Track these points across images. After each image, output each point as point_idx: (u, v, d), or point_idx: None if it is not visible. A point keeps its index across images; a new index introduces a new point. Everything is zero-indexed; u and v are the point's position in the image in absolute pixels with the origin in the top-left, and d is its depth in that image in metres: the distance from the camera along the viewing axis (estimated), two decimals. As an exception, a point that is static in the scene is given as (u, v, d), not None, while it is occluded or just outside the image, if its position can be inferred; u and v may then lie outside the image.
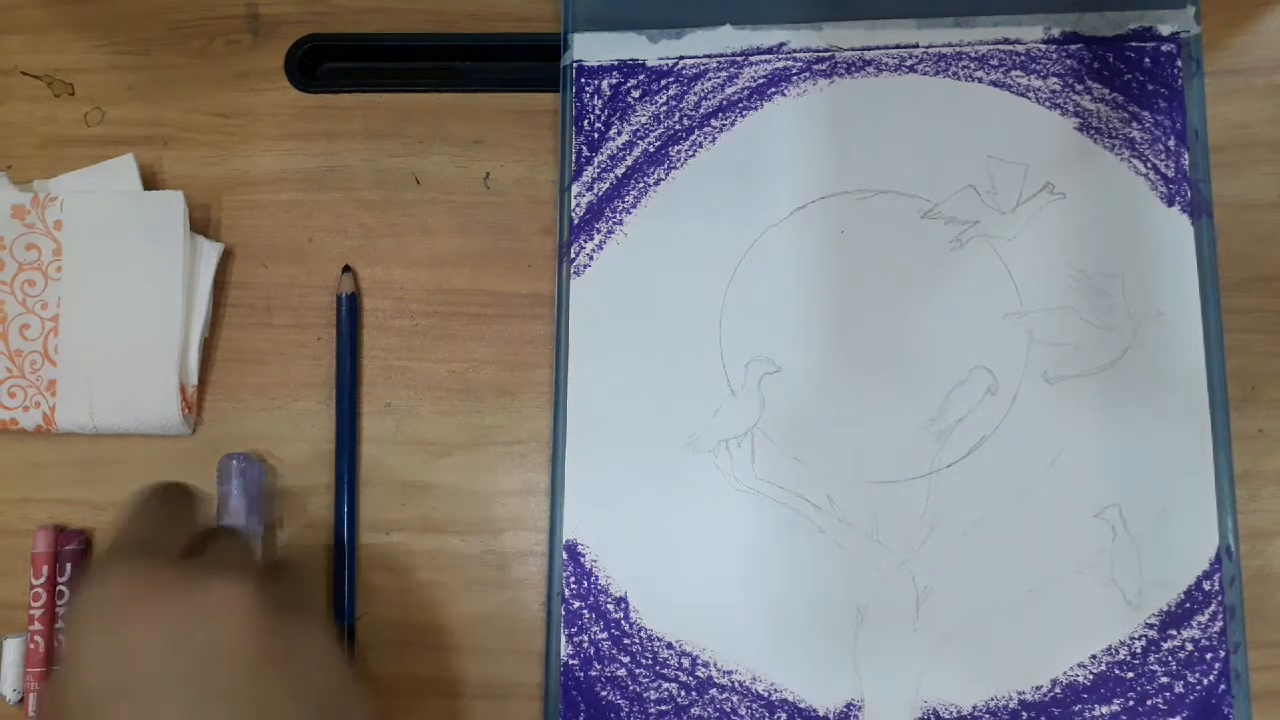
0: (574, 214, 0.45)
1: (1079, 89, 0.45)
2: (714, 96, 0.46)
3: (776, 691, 0.42)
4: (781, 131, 0.45)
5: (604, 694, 0.42)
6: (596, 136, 0.46)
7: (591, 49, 0.46)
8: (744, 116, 0.45)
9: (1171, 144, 0.44)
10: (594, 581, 0.43)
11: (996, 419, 0.43)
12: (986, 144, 0.44)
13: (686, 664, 0.42)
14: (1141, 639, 0.41)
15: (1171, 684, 0.40)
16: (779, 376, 0.44)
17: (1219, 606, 0.41)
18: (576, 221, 0.45)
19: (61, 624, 0.44)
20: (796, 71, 0.46)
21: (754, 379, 0.44)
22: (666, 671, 0.42)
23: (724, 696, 0.42)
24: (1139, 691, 0.41)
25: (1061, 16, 0.45)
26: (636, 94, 0.46)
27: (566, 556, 0.43)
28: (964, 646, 0.41)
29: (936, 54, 0.45)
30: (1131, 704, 0.40)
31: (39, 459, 0.46)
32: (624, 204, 0.45)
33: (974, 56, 0.45)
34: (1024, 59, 0.45)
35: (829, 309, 0.44)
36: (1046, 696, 0.41)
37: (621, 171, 0.46)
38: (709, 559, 0.43)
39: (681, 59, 0.46)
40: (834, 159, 0.45)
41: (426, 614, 0.44)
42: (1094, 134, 0.44)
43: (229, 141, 0.48)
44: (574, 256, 0.45)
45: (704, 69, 0.46)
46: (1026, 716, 0.41)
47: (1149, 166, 0.44)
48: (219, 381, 0.46)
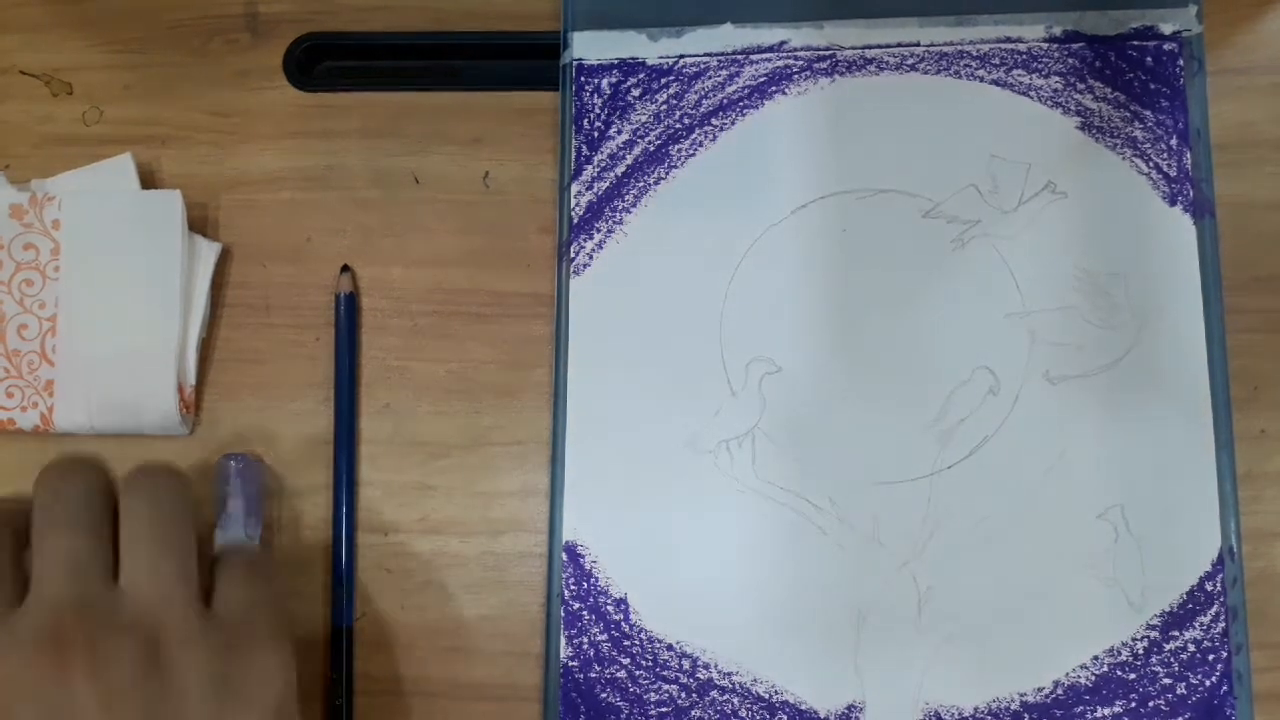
0: (574, 213, 0.45)
1: (1081, 88, 0.44)
2: (714, 95, 0.46)
3: (777, 693, 0.41)
4: (782, 130, 0.45)
5: (604, 696, 0.42)
6: (596, 135, 0.46)
7: (591, 47, 0.46)
8: (744, 115, 0.45)
9: (1174, 143, 0.44)
10: (594, 583, 0.43)
11: (998, 419, 0.42)
12: (988, 143, 0.44)
13: (687, 665, 0.42)
14: (1144, 640, 0.41)
15: (1174, 685, 0.40)
16: (780, 377, 0.43)
17: (1221, 607, 0.41)
18: (576, 221, 0.45)
19: None
20: (797, 70, 0.45)
21: (755, 379, 0.43)
22: (667, 673, 0.42)
23: (725, 698, 0.42)
24: (1141, 693, 0.40)
25: (1063, 15, 0.45)
26: (636, 93, 0.46)
27: (566, 557, 0.43)
28: (966, 647, 0.41)
29: (938, 52, 0.45)
30: (1134, 705, 0.40)
31: (37, 459, 0.45)
32: (624, 203, 0.45)
33: (975, 55, 0.45)
34: (1025, 58, 0.45)
35: (830, 309, 0.44)
36: (1048, 698, 0.41)
37: (621, 170, 0.45)
38: (709, 560, 0.42)
39: (682, 57, 0.46)
40: (835, 158, 0.45)
41: (425, 615, 0.44)
42: (1096, 133, 0.44)
43: (227, 141, 0.47)
44: (574, 256, 0.45)
45: (704, 67, 0.46)
46: (1028, 718, 0.41)
47: (1151, 166, 0.44)
48: (217, 381, 0.46)
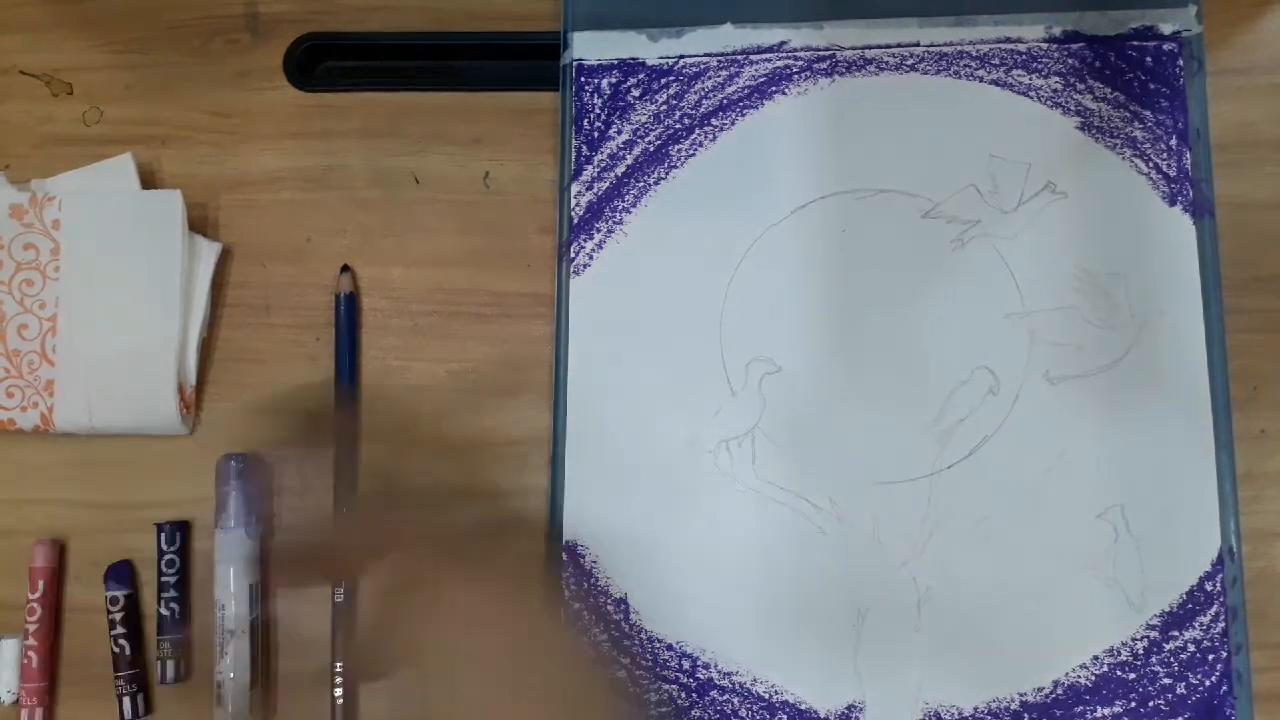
0: (574, 213, 0.45)
1: (1080, 88, 0.44)
2: (714, 95, 0.46)
3: (777, 693, 0.41)
4: (782, 130, 0.45)
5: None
6: (596, 135, 0.46)
7: (591, 48, 0.46)
8: (744, 115, 0.45)
9: (1173, 143, 0.44)
10: (593, 583, 0.43)
11: (998, 419, 0.42)
12: (988, 143, 0.44)
13: (687, 665, 0.42)
14: (1143, 640, 0.41)
15: (1173, 685, 0.40)
16: (780, 376, 0.43)
17: (1221, 607, 0.41)
18: (576, 221, 0.45)
19: None
20: (797, 70, 0.45)
21: (755, 379, 0.43)
22: (667, 673, 0.42)
23: (725, 698, 0.42)
24: (1141, 693, 0.40)
25: (1063, 15, 0.45)
26: (636, 93, 0.46)
27: (566, 557, 0.43)
28: (965, 647, 0.41)
29: (938, 53, 0.45)
30: (1133, 705, 0.40)
31: (37, 459, 0.46)
32: (624, 203, 0.45)
33: (975, 55, 0.45)
34: (1025, 58, 0.45)
35: (830, 309, 0.44)
36: (1048, 698, 0.41)
37: (621, 170, 0.45)
38: (709, 560, 0.42)
39: (682, 58, 0.46)
40: (835, 158, 0.45)
41: (426, 615, 0.44)
42: (1096, 133, 0.44)
43: (227, 141, 0.47)
44: (574, 256, 0.45)
45: (704, 68, 0.46)
46: (1028, 718, 0.41)
47: (1151, 166, 0.44)
48: (217, 381, 0.46)
